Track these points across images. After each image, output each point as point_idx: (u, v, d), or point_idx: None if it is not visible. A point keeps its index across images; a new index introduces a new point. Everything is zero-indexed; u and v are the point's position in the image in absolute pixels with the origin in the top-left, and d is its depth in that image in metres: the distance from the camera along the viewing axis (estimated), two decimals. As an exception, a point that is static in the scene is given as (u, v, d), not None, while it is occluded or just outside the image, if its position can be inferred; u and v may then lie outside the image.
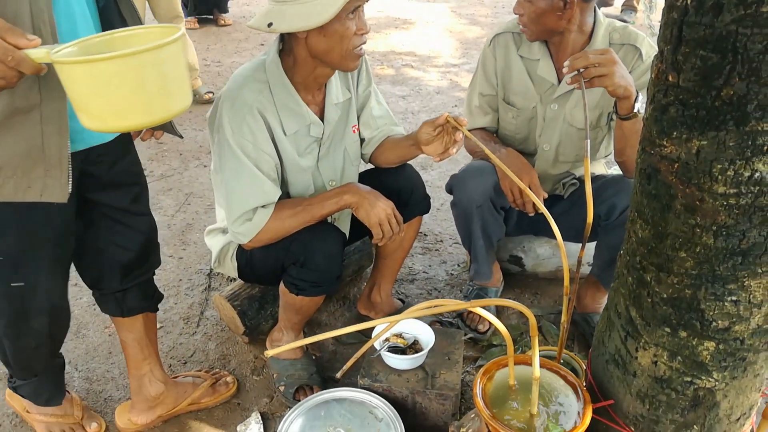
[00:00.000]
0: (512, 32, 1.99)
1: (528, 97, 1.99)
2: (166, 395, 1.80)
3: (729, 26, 0.90)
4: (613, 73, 1.56)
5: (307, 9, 1.47)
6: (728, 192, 0.99)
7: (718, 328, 1.12)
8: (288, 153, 1.71)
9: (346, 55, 1.57)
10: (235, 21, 6.07)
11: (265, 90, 1.64)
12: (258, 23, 1.53)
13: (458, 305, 1.14)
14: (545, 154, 2.04)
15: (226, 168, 1.66)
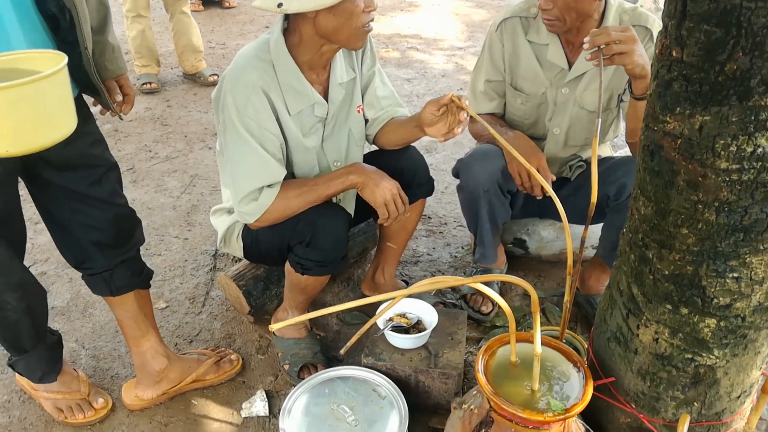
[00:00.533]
0: (519, 17, 1.96)
1: (537, 83, 1.98)
2: (170, 370, 1.82)
3: (733, 0, 0.90)
4: (633, 50, 1.55)
5: None
6: (731, 168, 0.99)
7: (719, 305, 1.13)
8: (292, 133, 1.71)
9: (354, 32, 1.56)
10: (239, 3, 6.05)
11: (269, 69, 1.63)
12: (266, 4, 1.51)
13: (461, 281, 1.15)
14: (555, 138, 2.03)
15: (230, 148, 1.66)
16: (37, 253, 2.48)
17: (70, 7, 1.36)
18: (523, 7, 1.97)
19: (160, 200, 2.87)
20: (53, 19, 1.37)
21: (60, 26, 1.38)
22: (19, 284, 1.54)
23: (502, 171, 1.90)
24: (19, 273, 1.55)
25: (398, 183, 1.70)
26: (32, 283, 1.60)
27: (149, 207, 2.81)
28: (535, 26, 1.94)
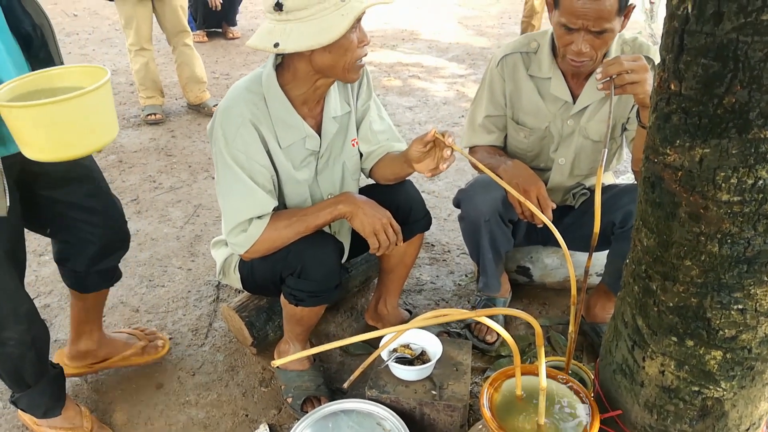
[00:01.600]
0: (521, 52, 1.97)
1: (540, 117, 1.98)
2: (97, 351, 1.97)
3: (730, 34, 0.90)
4: (645, 80, 1.55)
5: (313, 27, 1.46)
6: (732, 200, 0.99)
7: (725, 336, 1.12)
8: (283, 165, 1.72)
9: (349, 67, 1.58)
10: (243, 34, 6.13)
11: (260, 102, 1.65)
12: (262, 43, 1.51)
13: (465, 314, 1.14)
14: (561, 168, 2.03)
15: (221, 179, 1.68)
16: (40, 286, 2.48)
17: (41, 24, 1.43)
18: (523, 42, 1.98)
19: (164, 231, 2.87)
20: (26, 38, 1.42)
21: (33, 44, 1.43)
22: (26, 315, 1.56)
23: (503, 200, 1.90)
24: (26, 303, 1.57)
25: (389, 213, 1.70)
26: (36, 314, 1.62)
27: (153, 238, 2.81)
28: (537, 61, 1.95)
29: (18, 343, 1.56)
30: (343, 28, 1.46)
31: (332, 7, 1.46)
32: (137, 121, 4.13)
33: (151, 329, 2.15)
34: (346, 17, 1.46)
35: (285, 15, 1.48)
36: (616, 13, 1.67)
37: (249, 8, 7.07)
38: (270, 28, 1.52)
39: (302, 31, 1.47)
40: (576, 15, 1.67)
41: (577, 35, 1.71)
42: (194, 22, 5.77)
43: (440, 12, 7.28)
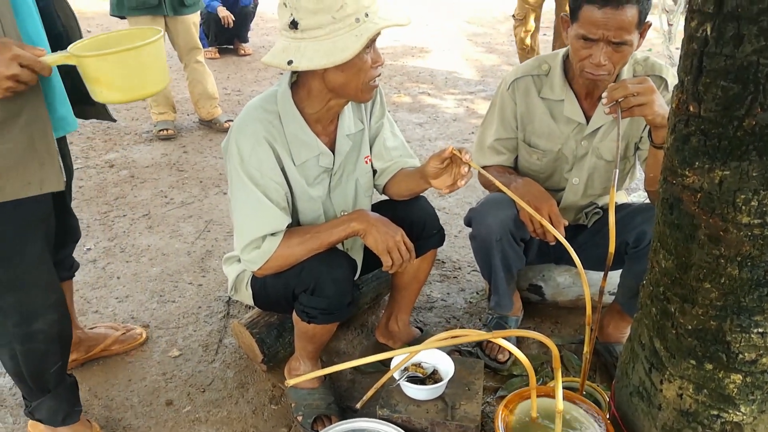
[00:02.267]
0: (532, 75, 1.97)
1: (552, 139, 1.98)
2: (80, 344, 2.07)
3: (750, 57, 0.90)
4: (653, 101, 1.55)
5: (327, 46, 1.47)
6: (752, 222, 0.98)
7: (744, 360, 1.10)
8: (297, 182, 1.73)
9: (362, 87, 1.58)
10: (255, 50, 6.19)
11: (274, 120, 1.66)
12: (277, 60, 1.53)
13: (481, 335, 1.13)
14: (574, 188, 2.02)
15: (235, 196, 1.68)
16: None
17: (69, 26, 1.53)
18: (534, 65, 1.97)
19: (175, 246, 2.88)
20: (57, 37, 1.52)
21: (61, 44, 1.49)
22: (56, 305, 1.60)
23: (514, 219, 1.89)
24: (58, 291, 1.60)
25: (402, 230, 1.70)
26: (65, 304, 1.66)
27: (164, 253, 2.82)
28: (548, 83, 1.94)
29: (46, 337, 1.59)
30: (356, 49, 1.47)
31: (347, 27, 1.47)
32: (149, 137, 4.15)
33: (127, 325, 2.26)
34: (359, 38, 1.47)
35: (300, 33, 1.49)
36: (636, 25, 1.66)
37: (260, 25, 7.14)
38: (285, 46, 1.53)
39: (316, 50, 1.48)
40: (596, 25, 1.66)
41: (596, 47, 1.70)
42: (206, 38, 5.82)
43: (450, 29, 7.32)
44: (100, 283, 2.59)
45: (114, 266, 2.71)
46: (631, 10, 1.63)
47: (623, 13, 1.63)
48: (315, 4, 1.45)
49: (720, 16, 0.92)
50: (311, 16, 1.46)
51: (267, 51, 6.75)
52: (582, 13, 1.69)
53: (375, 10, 1.52)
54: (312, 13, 1.46)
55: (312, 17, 1.46)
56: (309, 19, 1.47)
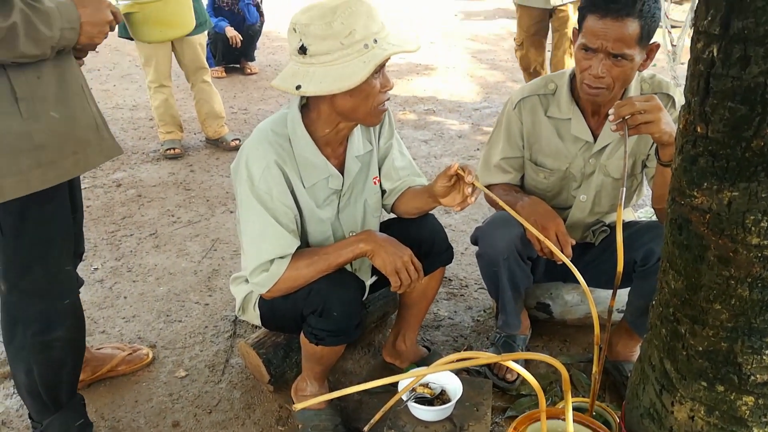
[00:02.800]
0: (538, 95, 1.97)
1: (559, 158, 1.97)
2: (86, 365, 2.02)
3: (757, 78, 0.90)
4: (659, 119, 1.55)
5: (336, 71, 1.48)
6: (762, 243, 0.98)
7: (756, 382, 1.09)
8: (307, 204, 1.73)
9: (370, 111, 1.59)
10: (261, 69, 6.23)
11: (285, 143, 1.67)
12: (285, 85, 1.54)
13: (491, 358, 1.13)
14: (582, 205, 2.02)
15: (244, 219, 1.69)
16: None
17: None
18: (540, 84, 1.98)
19: (182, 265, 2.88)
20: None
21: None
22: (75, 308, 1.65)
23: (521, 238, 1.88)
24: (77, 294, 1.66)
25: (410, 250, 1.69)
26: (80, 306, 1.70)
27: (171, 272, 2.82)
28: (555, 102, 1.94)
29: (63, 345, 1.62)
30: (363, 75, 1.47)
31: (355, 53, 1.48)
32: (156, 156, 4.18)
33: (134, 345, 2.25)
34: (367, 64, 1.48)
35: (309, 58, 1.50)
36: (637, 41, 1.66)
37: (267, 44, 7.19)
38: (294, 70, 1.54)
39: (325, 75, 1.49)
40: (596, 35, 1.67)
41: (595, 59, 1.71)
42: (213, 58, 5.87)
43: (454, 46, 7.36)
44: (107, 302, 2.60)
45: (121, 286, 2.72)
46: (632, 23, 1.64)
47: (623, 26, 1.64)
48: (323, 30, 1.47)
49: (726, 38, 0.92)
50: (320, 41, 1.48)
51: (273, 70, 6.79)
52: (585, 23, 1.71)
53: (384, 36, 1.53)
54: (321, 39, 1.48)
55: (321, 43, 1.48)
56: (318, 45, 1.48)
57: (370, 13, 1.51)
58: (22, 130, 1.38)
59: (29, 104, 1.39)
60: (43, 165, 1.42)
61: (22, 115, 1.39)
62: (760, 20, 0.87)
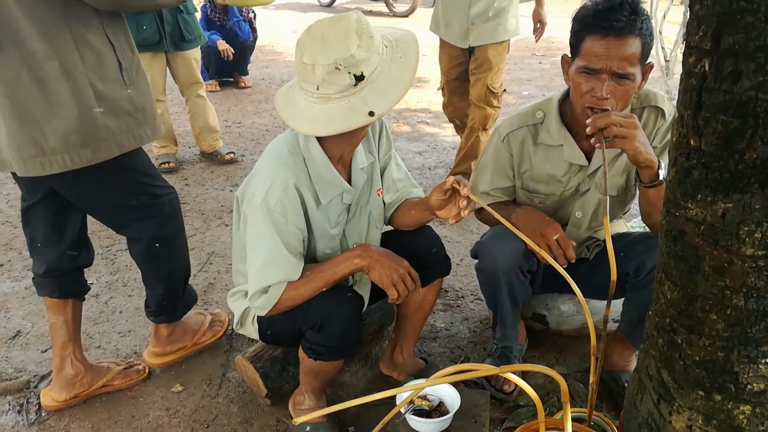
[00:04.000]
0: (527, 125, 1.95)
1: (553, 183, 1.97)
2: (84, 376, 2.07)
3: (749, 92, 0.92)
4: (634, 136, 1.55)
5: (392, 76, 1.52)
6: (756, 254, 0.99)
7: (753, 391, 1.10)
8: (319, 225, 1.73)
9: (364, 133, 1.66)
10: (254, 83, 6.24)
11: (300, 163, 1.66)
12: (354, 121, 1.50)
13: (490, 370, 1.13)
14: (578, 222, 2.02)
15: (255, 242, 1.66)
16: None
17: None
18: (528, 115, 1.96)
19: (177, 279, 2.87)
20: None
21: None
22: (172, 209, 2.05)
23: (522, 252, 1.89)
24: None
25: (407, 262, 1.69)
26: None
27: (166, 286, 2.81)
28: (545, 130, 1.93)
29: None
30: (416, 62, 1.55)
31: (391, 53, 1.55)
32: (150, 169, 4.17)
33: (131, 361, 2.26)
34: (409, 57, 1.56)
35: (363, 82, 1.49)
36: (639, 59, 1.66)
37: (260, 58, 7.22)
38: (349, 105, 1.50)
39: (381, 89, 1.51)
40: (599, 55, 1.64)
41: (598, 80, 1.67)
42: (207, 72, 5.89)
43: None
44: (103, 317, 2.59)
45: (116, 300, 2.71)
46: (633, 41, 1.63)
47: (626, 43, 1.63)
48: (366, 51, 1.47)
49: (717, 53, 0.94)
50: (367, 62, 1.48)
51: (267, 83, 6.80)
52: (584, 45, 1.69)
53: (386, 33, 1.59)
54: (366, 60, 1.48)
55: (368, 62, 1.48)
56: (367, 66, 1.48)
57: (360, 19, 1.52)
58: (127, 95, 1.75)
59: (129, 74, 1.76)
60: (143, 125, 1.80)
61: (126, 83, 1.75)
62: (750, 35, 0.89)
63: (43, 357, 2.34)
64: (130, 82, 1.76)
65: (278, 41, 8.35)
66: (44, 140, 1.64)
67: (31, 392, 2.16)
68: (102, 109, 1.68)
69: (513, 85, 6.16)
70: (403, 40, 1.58)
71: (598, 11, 1.66)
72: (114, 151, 1.73)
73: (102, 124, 1.69)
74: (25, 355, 2.35)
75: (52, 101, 1.63)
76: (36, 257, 1.98)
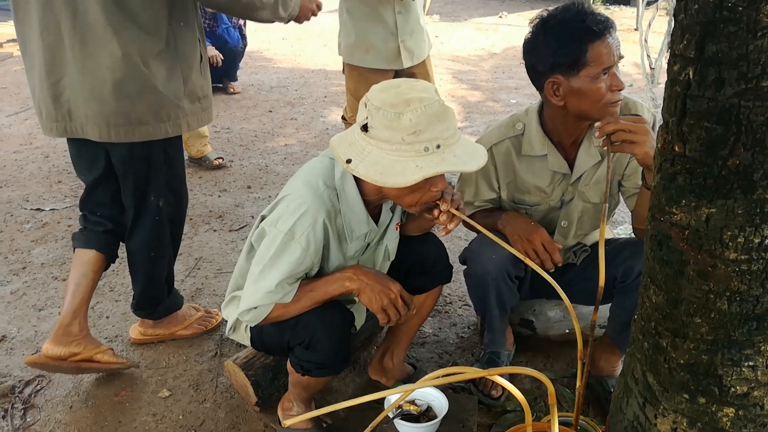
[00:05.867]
0: (509, 137, 1.96)
1: (538, 194, 1.99)
2: (81, 341, 2.11)
3: (731, 99, 0.94)
4: (645, 141, 1.56)
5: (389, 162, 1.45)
6: (739, 258, 1.01)
7: (736, 393, 1.12)
8: (336, 257, 1.71)
9: (415, 205, 1.59)
10: (244, 89, 6.24)
11: (334, 197, 1.63)
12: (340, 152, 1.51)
13: (478, 373, 1.14)
14: (563, 230, 2.04)
15: (264, 262, 1.63)
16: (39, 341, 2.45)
17: None
18: (508, 126, 1.97)
19: (165, 284, 2.86)
20: None
21: None
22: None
23: (510, 258, 1.90)
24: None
25: (399, 285, 1.68)
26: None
27: (153, 291, 2.80)
28: (527, 141, 1.94)
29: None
30: (411, 180, 1.43)
31: (413, 152, 1.44)
32: (138, 174, 4.15)
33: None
34: (419, 170, 1.43)
35: (369, 138, 1.47)
36: None
37: (249, 64, 7.22)
38: (353, 140, 1.51)
39: (377, 162, 1.46)
40: (609, 52, 1.69)
41: (612, 76, 1.72)
42: (195, 76, 5.87)
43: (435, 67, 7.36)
44: (90, 322, 2.54)
45: (103, 306, 2.69)
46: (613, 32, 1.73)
47: (614, 36, 1.71)
48: (391, 120, 1.43)
49: (701, 61, 0.96)
50: (384, 129, 1.45)
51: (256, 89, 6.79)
52: (589, 54, 1.69)
53: (450, 144, 1.47)
54: (385, 127, 1.44)
55: (384, 131, 1.45)
56: (381, 132, 1.45)
57: (444, 115, 1.46)
58: (201, 84, 2.07)
59: (204, 66, 2.09)
60: (206, 109, 2.12)
61: (202, 74, 2.07)
62: (733, 44, 0.91)
63: (29, 362, 2.32)
64: (204, 73, 2.09)
65: (268, 48, 8.35)
66: (134, 112, 1.91)
67: (17, 397, 2.14)
68: (186, 91, 2.01)
69: (501, 94, 6.21)
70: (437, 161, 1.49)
71: (580, 20, 1.70)
72: (185, 128, 2.04)
73: (182, 105, 2.00)
74: (10, 360, 2.33)
75: (150, 81, 1.90)
76: (89, 213, 2.19)
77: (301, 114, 5.56)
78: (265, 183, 4.08)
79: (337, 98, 6.02)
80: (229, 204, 3.75)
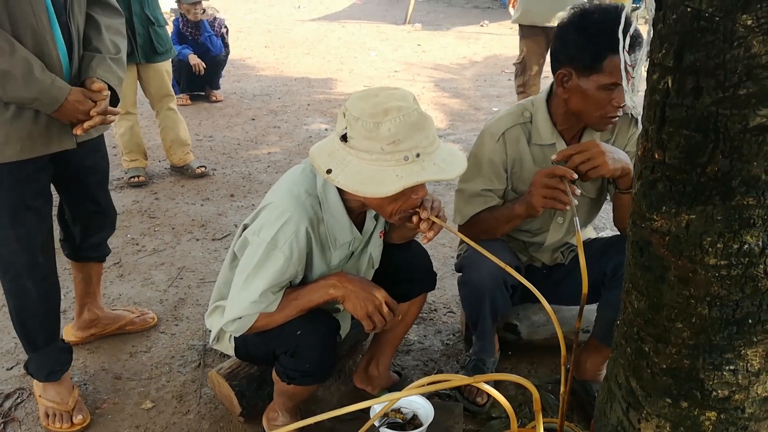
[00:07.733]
0: (519, 124, 1.95)
1: None
2: (99, 321, 2.45)
3: (709, 108, 0.95)
4: (605, 162, 1.58)
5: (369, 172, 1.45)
6: (719, 264, 1.03)
7: (718, 397, 1.13)
8: (320, 266, 1.70)
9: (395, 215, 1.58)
10: (226, 97, 6.22)
11: (316, 205, 1.62)
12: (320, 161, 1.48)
13: (464, 380, 1.14)
14: (559, 227, 2.05)
15: (248, 271, 1.62)
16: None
17: None
18: (517, 113, 1.96)
19: (147, 294, 2.84)
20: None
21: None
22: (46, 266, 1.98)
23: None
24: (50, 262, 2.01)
25: (384, 291, 1.67)
26: (53, 272, 2.03)
27: (136, 302, 2.77)
28: (535, 129, 1.93)
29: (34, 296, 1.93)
30: (391, 190, 1.43)
31: (393, 162, 1.43)
32: (120, 184, 4.12)
33: (143, 309, 2.63)
34: (399, 180, 1.42)
35: (349, 148, 1.46)
36: None
37: (232, 72, 7.20)
38: (333, 150, 1.50)
39: (357, 172, 1.45)
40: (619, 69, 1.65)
41: (617, 90, 1.70)
42: (177, 86, 5.85)
43: (417, 75, 7.48)
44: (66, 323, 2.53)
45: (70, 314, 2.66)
46: None
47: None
48: (370, 130, 1.43)
49: (680, 70, 0.98)
50: (363, 139, 1.44)
51: (238, 97, 6.79)
52: (606, 63, 1.69)
53: (430, 152, 1.46)
54: (364, 137, 1.44)
55: (363, 141, 1.44)
56: (360, 142, 1.44)
57: (423, 124, 1.45)
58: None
59: None
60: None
61: None
62: (711, 53, 0.93)
63: (9, 375, 2.29)
64: None
65: (250, 56, 8.35)
66: None
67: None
68: None
69: (483, 102, 6.25)
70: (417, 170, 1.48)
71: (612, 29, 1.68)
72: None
73: None
74: (-11, 374, 2.30)
75: None
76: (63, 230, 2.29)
77: (284, 122, 5.55)
78: (248, 191, 4.06)
79: (320, 106, 6.02)
80: (212, 213, 3.73)
